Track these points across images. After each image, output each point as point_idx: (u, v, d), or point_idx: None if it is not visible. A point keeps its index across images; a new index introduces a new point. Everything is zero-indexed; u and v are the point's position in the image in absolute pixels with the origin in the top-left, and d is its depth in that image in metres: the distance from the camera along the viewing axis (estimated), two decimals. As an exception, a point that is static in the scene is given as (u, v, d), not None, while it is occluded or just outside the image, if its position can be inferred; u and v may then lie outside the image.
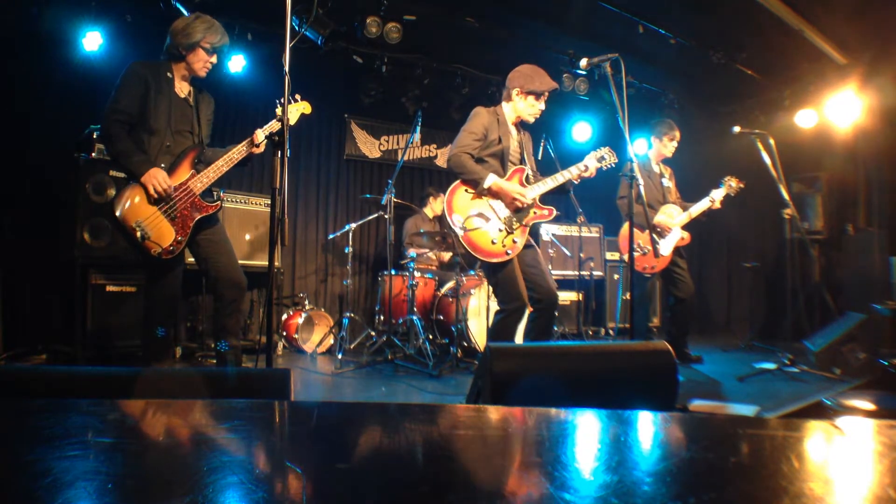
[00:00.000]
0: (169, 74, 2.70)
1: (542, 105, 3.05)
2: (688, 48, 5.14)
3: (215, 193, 2.79)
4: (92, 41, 4.23)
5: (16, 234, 3.96)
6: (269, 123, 2.75)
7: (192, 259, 2.84)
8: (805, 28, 4.65)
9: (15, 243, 3.92)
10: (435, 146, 6.69)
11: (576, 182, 3.12)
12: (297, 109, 2.94)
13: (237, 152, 2.73)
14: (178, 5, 4.20)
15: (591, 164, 3.09)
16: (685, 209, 4.27)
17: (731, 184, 4.21)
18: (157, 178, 2.51)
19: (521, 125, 3.20)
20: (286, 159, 2.12)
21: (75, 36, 4.22)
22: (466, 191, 2.98)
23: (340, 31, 4.55)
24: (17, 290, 3.78)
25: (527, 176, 3.08)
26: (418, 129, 4.26)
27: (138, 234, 2.48)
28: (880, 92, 4.98)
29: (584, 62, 2.86)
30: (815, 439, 0.74)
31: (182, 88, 2.75)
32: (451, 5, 4.78)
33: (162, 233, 2.55)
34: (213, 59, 2.73)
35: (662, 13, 4.80)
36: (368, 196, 5.37)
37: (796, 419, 1.40)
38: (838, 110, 5.22)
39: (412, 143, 5.90)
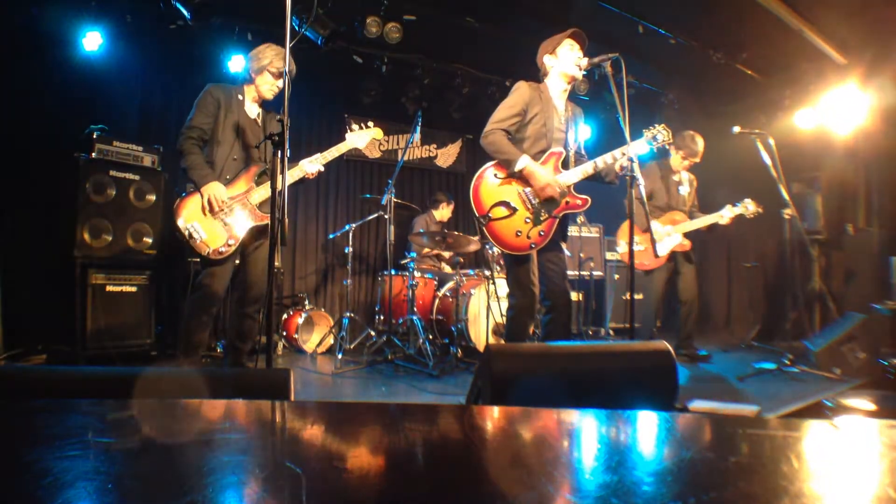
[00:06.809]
0: (240, 97, 3.05)
1: (578, 52, 2.83)
2: (688, 48, 5.13)
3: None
4: (92, 41, 4.24)
5: (16, 234, 3.96)
6: (329, 150, 3.10)
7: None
8: (805, 28, 4.64)
9: (15, 243, 3.92)
10: (435, 146, 6.69)
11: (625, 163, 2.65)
12: (369, 135, 3.26)
13: (291, 175, 2.99)
14: (178, 5, 4.20)
15: (639, 148, 2.74)
16: (693, 218, 4.31)
17: (749, 206, 4.18)
18: (214, 191, 2.81)
19: (573, 99, 2.99)
20: (286, 159, 2.12)
21: (75, 36, 4.22)
22: (496, 175, 2.78)
23: (340, 31, 4.55)
24: (17, 290, 3.77)
25: (564, 160, 2.83)
26: (418, 129, 4.26)
27: (187, 233, 2.78)
28: (880, 92, 4.98)
29: (584, 62, 2.83)
30: (815, 439, 0.74)
31: (251, 110, 3.09)
32: (451, 5, 4.78)
33: (214, 236, 2.84)
34: (280, 84, 3.01)
35: (662, 13, 4.80)
36: (368, 196, 5.37)
37: (796, 419, 1.40)
38: (838, 110, 5.22)
39: (412, 143, 5.91)
